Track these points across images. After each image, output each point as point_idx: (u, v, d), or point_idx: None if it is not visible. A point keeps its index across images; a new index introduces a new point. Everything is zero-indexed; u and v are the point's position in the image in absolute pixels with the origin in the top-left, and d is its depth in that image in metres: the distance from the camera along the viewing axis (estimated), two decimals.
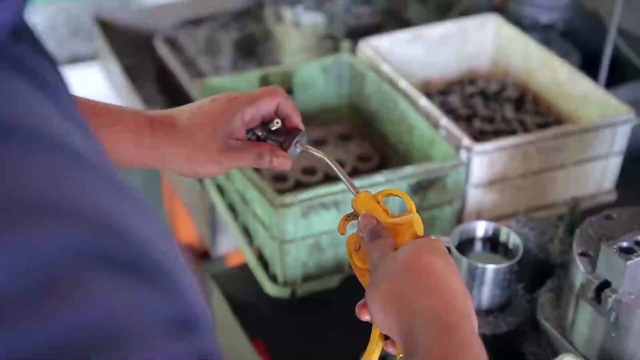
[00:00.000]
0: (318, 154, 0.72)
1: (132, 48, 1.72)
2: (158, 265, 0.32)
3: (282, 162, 0.71)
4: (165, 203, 1.89)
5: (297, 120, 0.73)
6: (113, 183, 0.35)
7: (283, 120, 0.73)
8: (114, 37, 1.72)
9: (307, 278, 1.05)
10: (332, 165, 0.70)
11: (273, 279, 1.05)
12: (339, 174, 0.69)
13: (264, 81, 1.26)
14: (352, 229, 0.70)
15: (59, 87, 0.40)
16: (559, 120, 1.26)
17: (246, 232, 1.12)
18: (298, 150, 0.72)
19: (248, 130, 0.72)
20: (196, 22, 1.67)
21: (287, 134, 0.72)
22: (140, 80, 1.66)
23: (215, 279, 1.09)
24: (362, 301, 0.64)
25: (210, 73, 1.51)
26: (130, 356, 0.28)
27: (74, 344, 0.27)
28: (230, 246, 1.34)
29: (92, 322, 0.28)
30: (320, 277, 1.06)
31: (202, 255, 1.80)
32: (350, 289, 1.06)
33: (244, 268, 1.11)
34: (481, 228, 0.92)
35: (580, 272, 0.80)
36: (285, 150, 0.71)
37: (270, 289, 1.05)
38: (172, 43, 1.65)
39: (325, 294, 1.06)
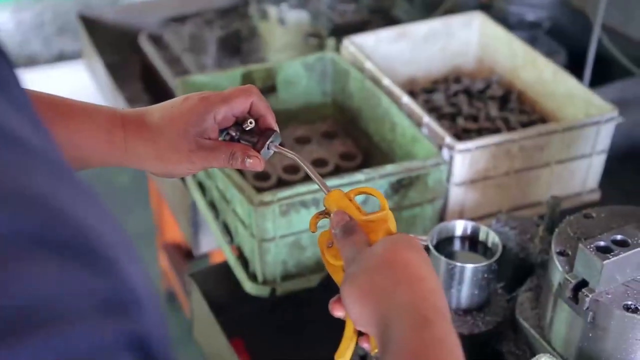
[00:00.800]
0: (290, 154, 0.71)
1: (117, 46, 1.71)
2: (94, 248, 0.32)
3: (255, 164, 0.70)
4: (152, 203, 1.88)
5: (271, 120, 0.72)
6: (56, 170, 0.35)
7: (257, 120, 0.72)
8: (99, 34, 1.70)
9: (287, 277, 1.04)
10: (303, 166, 0.70)
11: (253, 277, 1.04)
12: (310, 173, 0.69)
13: (247, 78, 1.25)
14: (324, 228, 0.69)
15: (10, 81, 0.40)
16: (543, 119, 1.26)
17: (226, 230, 1.11)
18: (271, 151, 0.71)
19: (222, 130, 0.72)
20: (181, 20, 1.66)
21: (260, 134, 0.71)
22: (124, 78, 1.65)
23: (194, 278, 1.08)
24: (335, 297, 0.64)
25: (195, 71, 1.50)
26: (53, 335, 0.28)
27: None
28: (213, 245, 1.33)
29: (14, 302, 0.28)
30: (300, 275, 1.05)
31: (189, 255, 1.79)
32: (331, 288, 1.05)
33: (224, 266, 1.10)
34: (460, 227, 0.91)
35: (558, 271, 0.79)
36: (259, 151, 0.71)
37: (249, 287, 1.04)
38: (157, 41, 1.64)
39: (305, 292, 1.05)
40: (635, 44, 1.49)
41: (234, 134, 0.71)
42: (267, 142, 0.71)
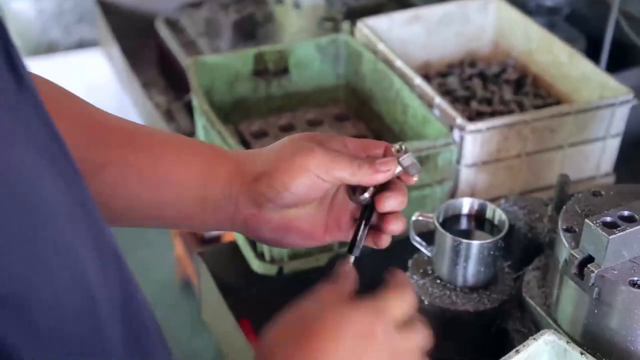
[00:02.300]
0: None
1: (134, 31, 1.72)
2: None
3: (387, 162, 0.60)
4: None
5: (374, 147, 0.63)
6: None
7: None
8: (117, 20, 1.72)
9: (295, 256, 1.04)
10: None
11: (260, 256, 1.04)
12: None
13: (259, 60, 1.25)
14: None
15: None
16: (558, 102, 1.24)
17: None
18: (409, 162, 0.61)
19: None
20: (197, 4, 1.67)
21: None
22: (141, 63, 1.66)
23: (202, 257, 1.08)
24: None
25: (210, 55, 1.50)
26: None
27: None
28: None
29: None
30: (308, 255, 1.04)
31: (203, 241, 1.79)
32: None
33: (233, 246, 1.10)
34: (467, 204, 0.90)
35: (564, 247, 0.78)
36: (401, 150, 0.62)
37: (257, 266, 1.04)
38: (174, 25, 1.65)
39: (313, 272, 1.05)
40: None
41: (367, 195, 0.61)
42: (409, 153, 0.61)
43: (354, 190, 0.62)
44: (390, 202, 0.61)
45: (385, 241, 0.63)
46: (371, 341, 0.52)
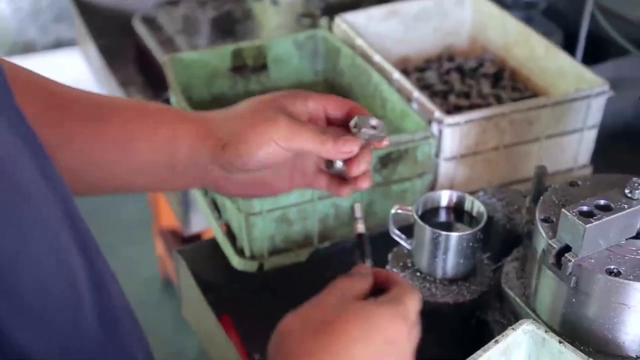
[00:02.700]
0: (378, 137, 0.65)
1: (111, 29, 1.71)
2: None
3: (349, 141, 0.62)
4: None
5: (359, 109, 0.66)
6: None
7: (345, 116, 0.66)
8: (94, 18, 1.70)
9: (275, 252, 1.04)
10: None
11: (240, 253, 1.04)
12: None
13: (237, 56, 1.24)
14: None
15: None
16: (535, 95, 1.25)
17: (215, 206, 1.11)
18: (374, 137, 0.63)
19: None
20: (175, 2, 1.66)
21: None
22: (119, 61, 1.65)
23: (182, 255, 1.08)
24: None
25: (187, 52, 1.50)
26: None
27: None
28: (204, 224, 1.33)
29: None
30: (288, 250, 1.04)
31: (184, 240, 1.79)
32: (320, 263, 1.06)
33: (212, 243, 1.10)
34: (445, 197, 0.90)
35: (542, 237, 0.78)
36: (358, 122, 0.64)
37: (236, 262, 1.03)
38: (151, 23, 1.64)
39: (293, 268, 1.05)
40: (630, 23, 1.48)
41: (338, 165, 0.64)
42: (373, 123, 0.63)
43: (327, 160, 0.64)
44: (361, 166, 0.64)
45: (347, 192, 0.65)
46: (398, 346, 0.53)
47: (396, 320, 0.54)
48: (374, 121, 0.64)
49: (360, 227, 0.62)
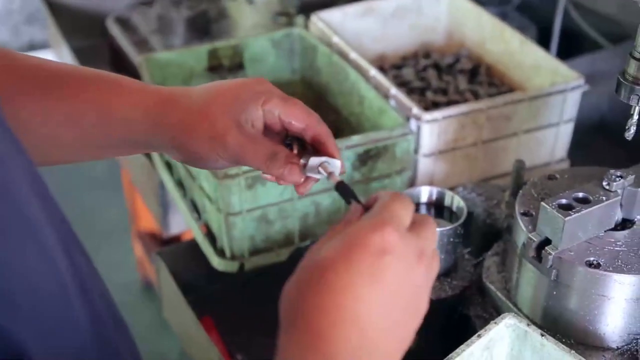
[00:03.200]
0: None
1: (85, 30, 1.69)
2: None
3: (292, 171, 0.59)
4: (125, 192, 1.87)
5: (332, 149, 0.60)
6: None
7: (317, 148, 0.61)
8: (66, 19, 1.68)
9: (255, 252, 1.03)
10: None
11: (220, 253, 1.03)
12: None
13: (213, 56, 1.24)
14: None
15: None
16: (511, 90, 1.25)
17: (194, 207, 1.10)
18: (319, 175, 0.60)
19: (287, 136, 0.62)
20: (149, 2, 1.64)
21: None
22: (93, 63, 1.62)
23: (161, 256, 1.07)
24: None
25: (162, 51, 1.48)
26: None
27: None
28: (183, 226, 1.32)
29: None
30: (269, 250, 1.04)
31: (163, 242, 1.77)
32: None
33: (192, 244, 1.09)
34: (425, 193, 0.91)
35: (521, 231, 0.79)
36: (307, 160, 0.60)
37: (217, 263, 1.03)
38: (125, 23, 1.63)
39: (274, 267, 1.05)
40: (603, 18, 1.49)
41: (295, 150, 0.61)
42: (323, 160, 0.59)
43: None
44: (307, 189, 0.62)
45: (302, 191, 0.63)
46: (390, 254, 0.46)
47: (377, 227, 0.46)
48: (324, 161, 0.60)
49: (337, 178, 0.59)
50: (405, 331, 0.47)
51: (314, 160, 0.59)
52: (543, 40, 1.45)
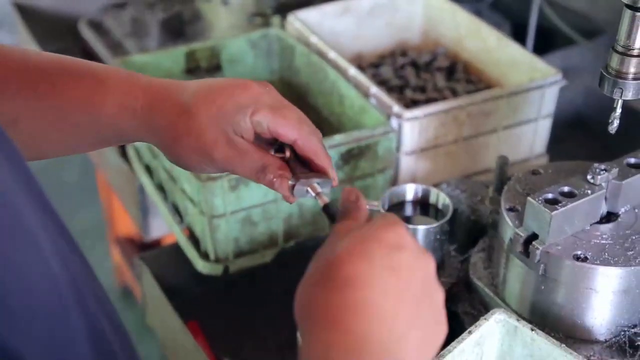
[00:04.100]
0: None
1: (56, 34, 1.66)
2: None
3: (282, 187, 0.58)
4: (101, 197, 1.84)
5: (324, 164, 0.59)
6: None
7: (309, 161, 0.60)
8: (37, 23, 1.66)
9: (240, 254, 1.02)
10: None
11: (204, 256, 1.02)
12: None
13: (191, 58, 1.23)
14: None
15: None
16: (489, 87, 1.26)
17: (176, 211, 1.09)
18: (309, 194, 0.58)
19: (271, 143, 0.60)
20: (121, 5, 1.62)
21: (311, 170, 0.59)
22: None
23: (144, 260, 1.06)
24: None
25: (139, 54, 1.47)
26: None
27: None
28: (164, 229, 1.31)
29: None
30: (253, 252, 1.03)
31: (142, 246, 1.75)
32: (285, 264, 1.05)
33: (175, 248, 1.08)
34: (411, 190, 0.91)
35: (508, 227, 0.79)
36: (297, 180, 0.58)
37: (201, 266, 1.02)
38: (98, 27, 1.60)
39: (259, 269, 1.04)
40: (576, 14, 1.51)
41: (287, 154, 0.59)
42: (312, 181, 0.58)
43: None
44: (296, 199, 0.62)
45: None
46: (405, 249, 0.46)
47: (389, 225, 0.47)
48: (311, 183, 0.59)
49: (325, 199, 0.58)
50: (430, 326, 0.47)
51: (300, 186, 0.58)
52: (517, 37, 1.46)
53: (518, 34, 1.51)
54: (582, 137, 1.35)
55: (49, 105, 0.58)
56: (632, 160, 0.80)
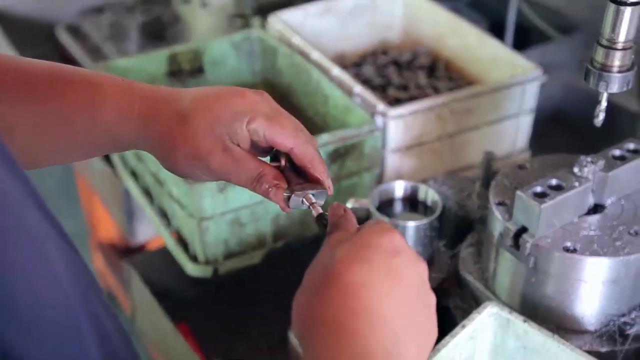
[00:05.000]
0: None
1: (34, 40, 1.65)
2: None
3: (278, 197, 0.58)
4: (82, 202, 1.83)
5: (319, 173, 0.59)
6: None
7: (305, 169, 0.59)
8: (13, 29, 1.64)
9: (229, 255, 1.02)
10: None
11: (194, 259, 1.02)
12: None
13: (173, 61, 1.22)
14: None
15: None
16: (470, 84, 1.27)
17: (163, 215, 1.08)
18: (304, 205, 0.59)
19: (268, 151, 0.60)
20: (99, 9, 1.62)
21: (307, 180, 0.59)
22: None
23: (133, 265, 1.05)
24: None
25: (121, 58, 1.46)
26: None
27: None
28: (150, 233, 1.30)
29: None
30: (243, 253, 1.03)
31: (125, 251, 1.74)
32: (274, 264, 1.05)
33: (163, 252, 1.08)
34: (400, 187, 0.92)
35: (498, 221, 0.80)
36: (292, 192, 0.58)
37: (191, 269, 1.01)
38: (76, 32, 1.59)
39: (248, 270, 1.04)
40: (551, 10, 1.53)
41: (282, 162, 0.59)
42: (307, 193, 0.58)
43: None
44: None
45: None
46: (401, 254, 0.47)
47: (384, 231, 0.48)
48: (306, 195, 0.59)
49: (318, 209, 0.59)
50: (426, 328, 0.49)
51: (296, 198, 0.59)
52: (494, 35, 1.48)
53: (495, 32, 1.52)
54: (562, 131, 1.37)
55: (46, 111, 0.57)
56: (617, 152, 0.81)
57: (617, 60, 0.71)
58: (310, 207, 0.59)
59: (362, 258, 0.47)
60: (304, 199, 0.59)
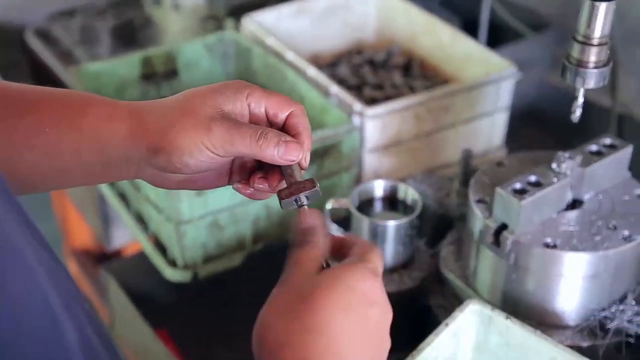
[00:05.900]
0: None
1: (1, 45, 1.62)
2: None
3: (292, 148, 0.56)
4: (55, 210, 1.80)
5: (305, 139, 0.59)
6: None
7: (296, 135, 0.59)
8: None
9: (208, 259, 1.01)
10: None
11: (172, 263, 1.01)
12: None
13: (147, 64, 1.21)
14: None
15: None
16: (445, 82, 1.28)
17: (140, 219, 1.07)
18: (299, 204, 0.58)
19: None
20: (69, 13, 1.59)
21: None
22: (13, 78, 1.56)
23: (110, 271, 1.04)
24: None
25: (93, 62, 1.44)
26: None
27: None
28: (126, 238, 1.29)
29: None
30: (222, 256, 1.02)
31: (100, 258, 1.72)
32: (254, 267, 1.04)
33: (141, 257, 1.07)
34: (379, 187, 0.91)
35: (478, 218, 0.80)
36: (289, 194, 0.58)
37: (169, 274, 1.00)
38: (46, 36, 1.57)
39: (228, 274, 1.03)
40: (523, 8, 1.54)
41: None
42: (303, 193, 0.58)
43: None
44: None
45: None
46: (379, 305, 0.51)
47: (368, 277, 0.51)
48: (302, 194, 0.59)
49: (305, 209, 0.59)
50: None
51: (290, 200, 0.58)
52: (467, 33, 1.49)
53: (468, 30, 1.53)
54: (536, 128, 1.38)
55: (35, 123, 0.56)
56: (594, 148, 0.82)
57: (593, 55, 0.71)
58: (299, 207, 0.58)
59: (344, 301, 0.49)
60: (297, 198, 0.58)
